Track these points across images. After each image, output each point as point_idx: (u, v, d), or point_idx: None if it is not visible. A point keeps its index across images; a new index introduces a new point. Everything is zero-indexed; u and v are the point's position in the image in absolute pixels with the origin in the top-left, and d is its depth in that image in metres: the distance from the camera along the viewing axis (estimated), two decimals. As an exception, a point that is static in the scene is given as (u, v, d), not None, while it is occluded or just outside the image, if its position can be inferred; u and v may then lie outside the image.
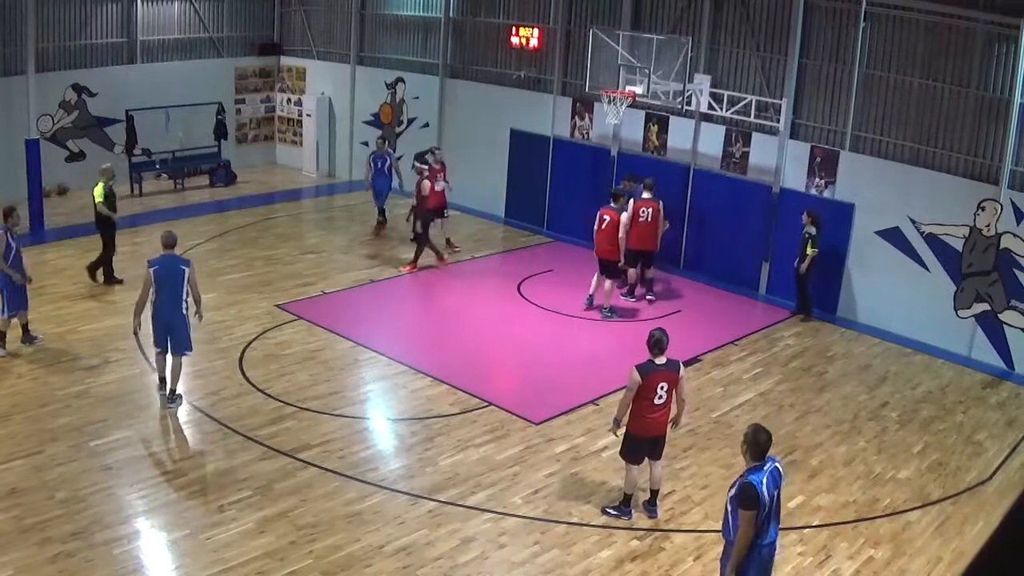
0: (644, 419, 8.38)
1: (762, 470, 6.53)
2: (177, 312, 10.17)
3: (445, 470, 9.45)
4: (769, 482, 6.50)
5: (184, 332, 10.29)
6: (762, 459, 6.58)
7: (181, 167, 20.56)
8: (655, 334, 8.32)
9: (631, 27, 16.17)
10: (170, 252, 10.31)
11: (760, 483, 6.44)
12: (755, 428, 6.74)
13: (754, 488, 6.42)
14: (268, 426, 10.10)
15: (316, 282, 14.83)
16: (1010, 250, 12.76)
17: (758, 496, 6.41)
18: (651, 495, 8.85)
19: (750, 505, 6.41)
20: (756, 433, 6.65)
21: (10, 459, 9.07)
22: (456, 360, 12.21)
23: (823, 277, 14.60)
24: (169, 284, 10.12)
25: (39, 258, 15.38)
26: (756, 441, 6.60)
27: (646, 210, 14.17)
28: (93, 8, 19.52)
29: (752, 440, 6.61)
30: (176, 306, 10.15)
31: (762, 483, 6.45)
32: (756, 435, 6.63)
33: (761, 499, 6.42)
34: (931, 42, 13.38)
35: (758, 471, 6.52)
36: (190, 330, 10.39)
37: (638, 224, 14.04)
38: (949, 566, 8.32)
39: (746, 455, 6.66)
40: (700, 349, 12.96)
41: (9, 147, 17.32)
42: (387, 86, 20.94)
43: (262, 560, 7.78)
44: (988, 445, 10.77)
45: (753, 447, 6.60)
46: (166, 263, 10.20)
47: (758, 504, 6.42)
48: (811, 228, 13.76)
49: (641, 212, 14.12)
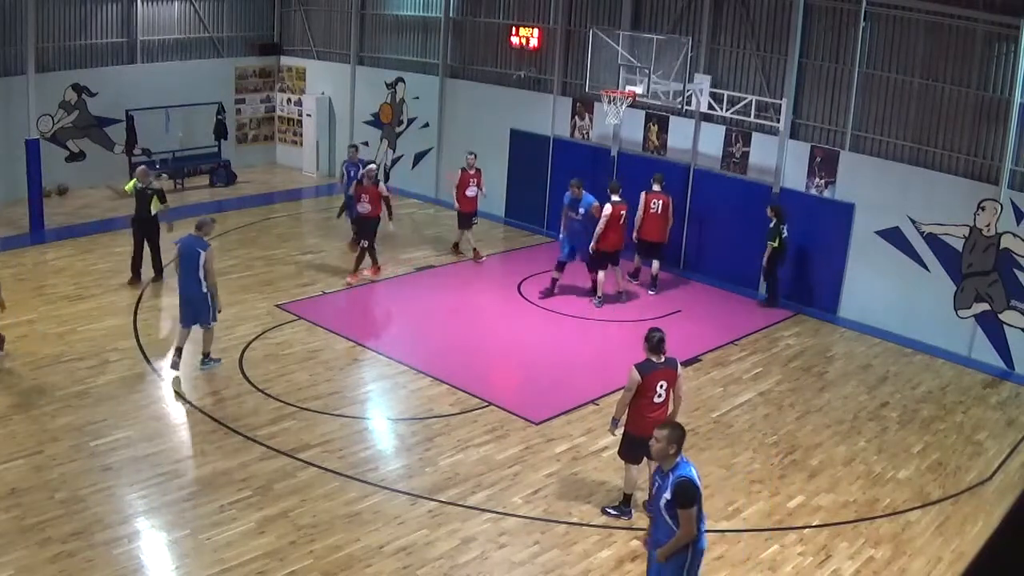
0: (644, 419, 8.37)
1: (685, 464, 6.33)
2: (195, 288, 11.01)
3: (445, 470, 9.45)
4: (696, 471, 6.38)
5: (201, 306, 11.06)
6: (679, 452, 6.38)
7: (181, 167, 20.56)
8: (655, 334, 8.34)
9: (631, 27, 16.18)
10: (195, 234, 11.12)
11: (695, 476, 6.30)
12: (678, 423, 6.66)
13: (692, 482, 6.24)
14: (268, 426, 10.10)
15: (316, 282, 14.83)
16: (1010, 250, 12.76)
17: (697, 489, 6.27)
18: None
19: (691, 501, 6.21)
20: (679, 428, 6.51)
21: (10, 459, 9.07)
22: (456, 360, 12.21)
23: (823, 276, 14.62)
24: (187, 262, 11.01)
25: (39, 258, 15.40)
26: (682, 436, 6.45)
27: (656, 202, 14.83)
28: (93, 8, 19.52)
29: (680, 436, 6.42)
30: (193, 283, 11.00)
31: (696, 476, 6.31)
32: (680, 429, 6.48)
33: (700, 491, 6.31)
34: (931, 42, 13.38)
35: (686, 466, 6.32)
36: (211, 304, 11.07)
37: (649, 215, 14.84)
38: (949, 566, 8.32)
39: (670, 449, 6.33)
40: (700, 349, 12.96)
41: (9, 147, 17.33)
42: (387, 86, 20.95)
43: (262, 560, 7.78)
44: (988, 445, 10.77)
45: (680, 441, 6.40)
46: (187, 243, 11.08)
47: (698, 496, 6.27)
48: (773, 220, 14.12)
49: (652, 204, 14.83)
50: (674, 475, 6.25)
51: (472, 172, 16.03)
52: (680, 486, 6.19)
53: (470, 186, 15.96)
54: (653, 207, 14.77)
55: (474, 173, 16.04)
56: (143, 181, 14.27)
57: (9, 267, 14.69)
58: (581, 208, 14.11)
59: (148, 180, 14.39)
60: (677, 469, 6.28)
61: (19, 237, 16.31)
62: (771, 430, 10.77)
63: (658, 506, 6.36)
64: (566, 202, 14.46)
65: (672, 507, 6.22)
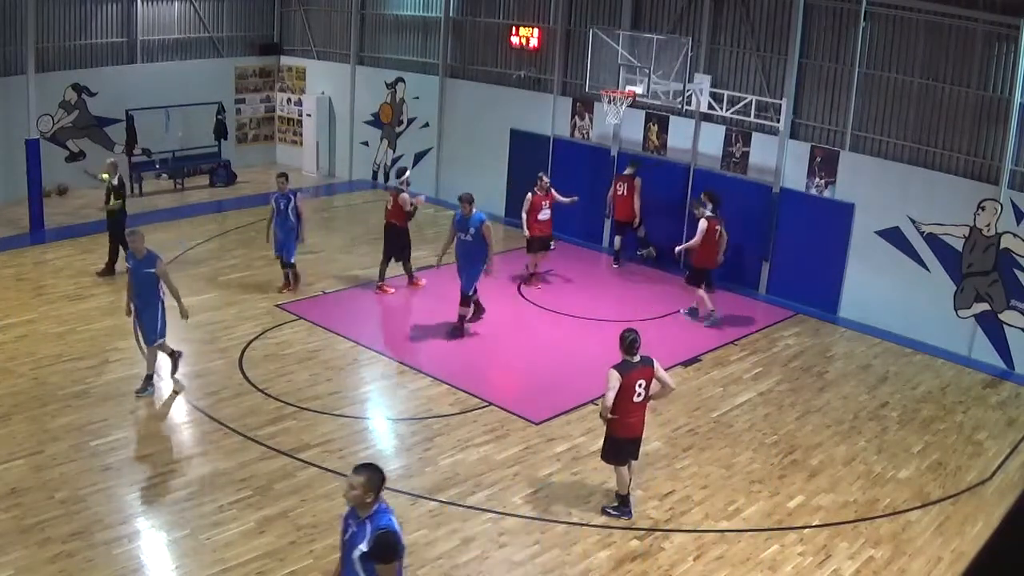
0: (625, 420, 8.44)
1: (384, 512, 5.53)
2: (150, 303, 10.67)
3: (445, 470, 9.45)
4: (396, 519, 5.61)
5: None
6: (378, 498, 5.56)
7: (181, 167, 20.56)
8: (629, 334, 8.43)
9: (631, 27, 16.17)
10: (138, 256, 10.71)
11: (396, 526, 5.52)
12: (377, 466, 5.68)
13: (395, 534, 5.47)
14: (268, 426, 10.10)
15: (316, 282, 14.83)
16: (1010, 250, 12.76)
17: (399, 540, 5.51)
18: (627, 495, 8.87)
19: (393, 555, 5.46)
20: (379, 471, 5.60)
21: (10, 459, 9.07)
22: (456, 360, 12.21)
23: (823, 276, 14.61)
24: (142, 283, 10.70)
25: (39, 258, 15.40)
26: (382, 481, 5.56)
27: (622, 185, 15.92)
28: (93, 8, 19.52)
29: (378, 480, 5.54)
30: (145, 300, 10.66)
31: (397, 526, 5.55)
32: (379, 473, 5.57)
33: (402, 542, 5.58)
34: (931, 42, 13.38)
35: (385, 515, 5.51)
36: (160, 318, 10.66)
37: (616, 197, 16.05)
38: (949, 566, 8.32)
39: (367, 497, 5.46)
40: (700, 349, 12.96)
41: (9, 147, 17.33)
42: (387, 86, 20.95)
43: (262, 560, 7.78)
44: (988, 445, 10.77)
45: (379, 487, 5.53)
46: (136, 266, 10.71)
47: (400, 550, 5.53)
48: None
49: (619, 187, 15.99)
50: (372, 524, 5.44)
51: (543, 195, 15.07)
52: (382, 539, 5.41)
53: (543, 209, 15.02)
54: (620, 190, 15.95)
55: (546, 195, 15.11)
56: (109, 174, 14.34)
57: (9, 267, 14.72)
58: (471, 227, 12.62)
59: (112, 173, 14.44)
60: (376, 518, 5.47)
61: (19, 237, 16.31)
62: (771, 430, 10.77)
63: (350, 556, 5.49)
64: (456, 219, 12.98)
65: (368, 560, 5.41)
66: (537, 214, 14.99)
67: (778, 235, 15.11)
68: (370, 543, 5.38)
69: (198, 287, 14.20)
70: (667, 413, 10.84)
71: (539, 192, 15.10)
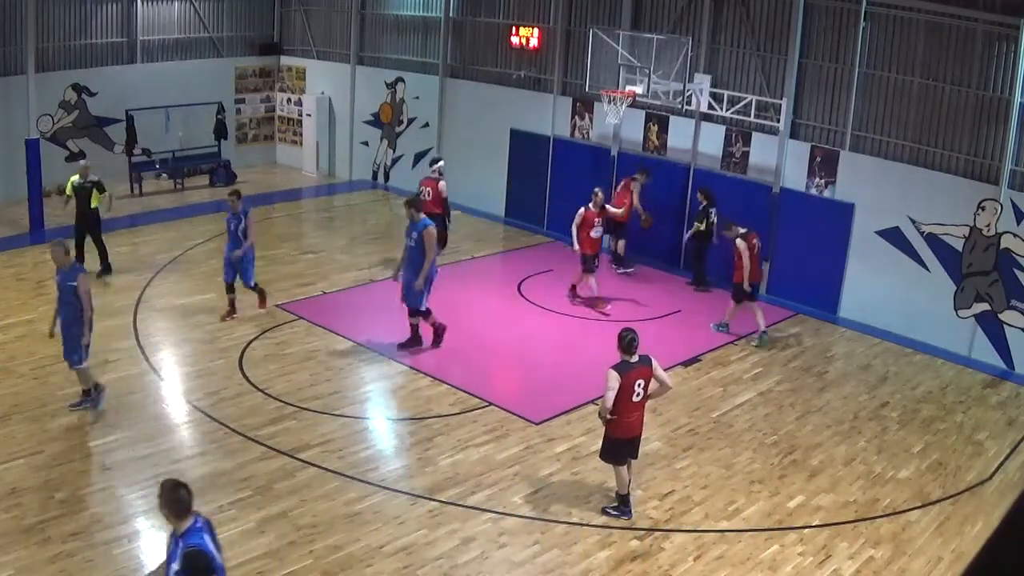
0: (625, 420, 8.44)
1: (197, 530, 5.34)
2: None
3: (445, 470, 9.45)
4: (213, 540, 5.47)
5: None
6: (185, 515, 5.42)
7: (181, 167, 20.56)
8: (628, 334, 8.44)
9: (631, 27, 16.18)
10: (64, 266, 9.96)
11: (206, 545, 5.34)
12: (172, 484, 5.52)
13: (205, 555, 5.28)
14: (268, 426, 10.10)
15: (316, 282, 14.83)
16: (1010, 250, 12.76)
17: (211, 561, 5.32)
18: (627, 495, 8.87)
19: (204, 574, 5.31)
20: (174, 490, 5.45)
21: (10, 459, 9.07)
22: (456, 360, 12.21)
23: (823, 276, 14.61)
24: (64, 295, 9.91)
25: (39, 258, 15.37)
26: (176, 499, 5.41)
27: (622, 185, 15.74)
28: (93, 8, 19.52)
29: (171, 499, 5.41)
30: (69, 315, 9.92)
31: (208, 545, 5.36)
32: (175, 491, 5.43)
33: (216, 563, 5.38)
34: (931, 42, 13.38)
35: (197, 533, 5.34)
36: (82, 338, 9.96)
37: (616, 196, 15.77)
38: (949, 566, 8.32)
39: (170, 517, 5.40)
40: (700, 349, 12.96)
41: (9, 147, 17.33)
42: (387, 86, 20.95)
43: (262, 560, 7.78)
44: (988, 445, 10.77)
45: (175, 505, 5.41)
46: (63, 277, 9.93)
47: (212, 568, 5.33)
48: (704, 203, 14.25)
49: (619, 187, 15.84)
50: (184, 542, 5.29)
51: (596, 212, 14.24)
52: (189, 557, 5.23)
53: (595, 226, 14.24)
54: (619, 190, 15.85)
55: (600, 211, 14.33)
56: (84, 177, 14.32)
57: (9, 267, 14.73)
58: (415, 232, 11.98)
59: (87, 175, 14.41)
60: (187, 536, 5.32)
61: (19, 237, 16.31)
62: (771, 430, 10.77)
63: (168, 573, 5.42)
64: None
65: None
66: (590, 230, 14.20)
67: (778, 235, 15.11)
68: (181, 561, 5.27)
69: (198, 287, 14.21)
70: (667, 413, 10.85)
71: (592, 208, 14.22)
